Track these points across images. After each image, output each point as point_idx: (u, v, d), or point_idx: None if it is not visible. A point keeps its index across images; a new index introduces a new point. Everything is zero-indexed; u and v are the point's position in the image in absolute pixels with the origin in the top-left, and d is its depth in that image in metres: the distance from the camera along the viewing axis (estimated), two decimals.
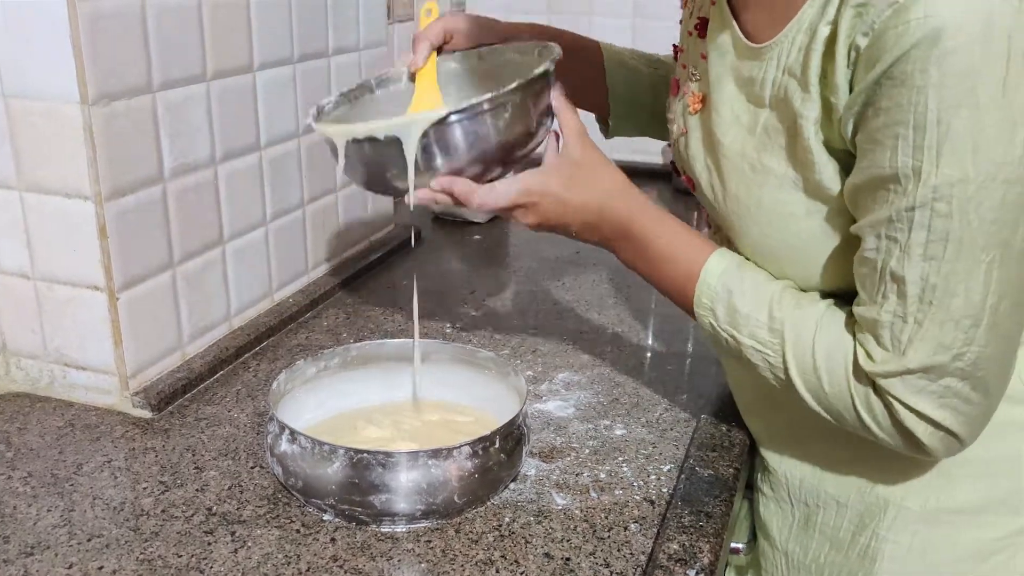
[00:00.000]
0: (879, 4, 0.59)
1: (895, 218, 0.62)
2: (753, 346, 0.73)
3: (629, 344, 1.09)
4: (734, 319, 0.73)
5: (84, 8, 0.80)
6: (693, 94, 0.81)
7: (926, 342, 0.64)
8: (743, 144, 0.73)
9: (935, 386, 0.65)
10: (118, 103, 0.85)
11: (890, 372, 0.65)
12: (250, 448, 0.86)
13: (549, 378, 1.00)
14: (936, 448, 0.68)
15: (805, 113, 0.67)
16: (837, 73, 0.63)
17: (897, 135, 0.60)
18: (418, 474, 0.73)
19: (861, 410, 0.68)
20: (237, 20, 0.99)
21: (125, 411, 0.91)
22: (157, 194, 0.91)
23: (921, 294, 0.63)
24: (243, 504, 0.78)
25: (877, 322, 0.65)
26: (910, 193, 0.61)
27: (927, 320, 0.63)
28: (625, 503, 0.78)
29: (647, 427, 0.91)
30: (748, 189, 0.73)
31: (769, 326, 0.72)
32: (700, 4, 0.82)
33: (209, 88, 0.96)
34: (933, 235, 0.61)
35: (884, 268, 0.64)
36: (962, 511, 0.76)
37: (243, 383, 0.98)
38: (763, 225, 0.72)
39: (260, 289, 1.10)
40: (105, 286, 0.88)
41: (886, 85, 0.60)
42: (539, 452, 0.86)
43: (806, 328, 0.70)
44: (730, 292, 0.73)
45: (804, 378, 0.71)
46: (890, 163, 0.61)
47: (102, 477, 0.81)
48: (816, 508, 0.83)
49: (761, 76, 0.71)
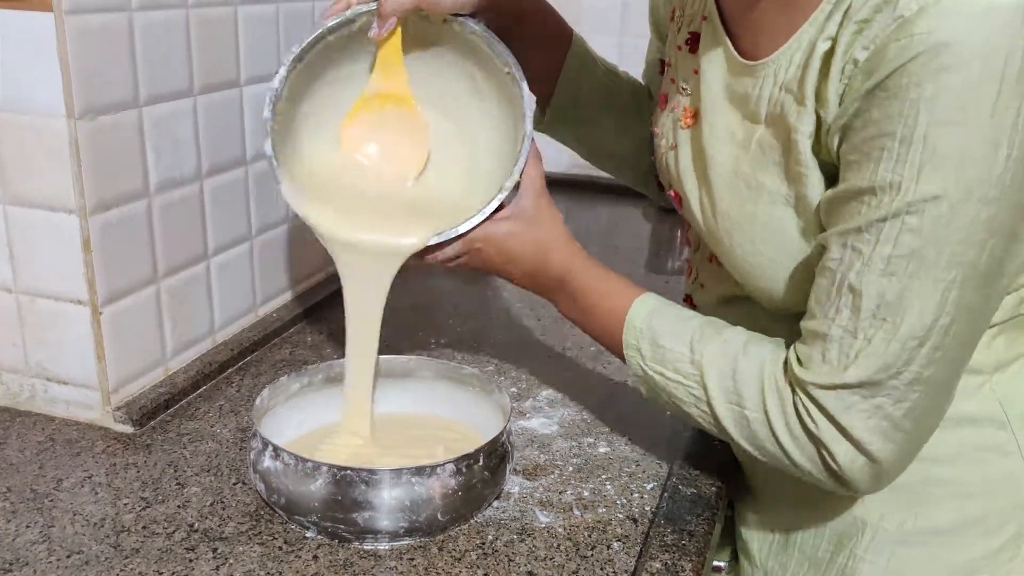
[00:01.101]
0: (883, 19, 0.60)
1: (864, 228, 0.62)
2: (678, 380, 0.74)
3: (612, 361, 1.10)
4: (657, 355, 0.75)
5: (71, 23, 0.80)
6: (685, 109, 0.81)
7: (870, 358, 0.63)
8: (737, 160, 0.73)
9: (866, 403, 0.64)
10: (104, 117, 0.85)
11: (826, 384, 0.65)
12: (233, 464, 0.85)
13: (533, 395, 1.00)
14: (855, 475, 0.67)
15: (800, 128, 0.67)
16: (830, 87, 0.64)
17: (883, 147, 0.60)
18: (401, 491, 0.72)
19: (779, 431, 0.68)
20: (224, 35, 1.00)
21: (107, 426, 0.91)
22: (142, 208, 0.91)
23: (875, 310, 0.62)
24: (225, 520, 0.77)
25: (827, 336, 0.65)
26: (884, 205, 0.61)
27: (876, 337, 0.63)
28: (608, 521, 0.79)
29: (630, 445, 0.91)
30: (741, 205, 0.73)
31: (691, 358, 0.73)
32: (690, 19, 0.82)
33: (196, 103, 0.96)
34: (898, 249, 0.61)
35: (843, 280, 0.64)
36: (938, 532, 0.77)
37: (226, 398, 0.98)
38: (756, 242, 0.72)
39: (244, 304, 1.10)
40: (88, 300, 0.87)
41: (879, 97, 0.60)
42: (523, 470, 0.86)
43: (726, 356, 0.71)
44: (653, 330, 0.76)
45: (727, 406, 0.71)
46: (871, 175, 0.61)
47: (82, 493, 0.80)
48: (795, 528, 0.83)
49: (756, 93, 0.71)
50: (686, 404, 0.74)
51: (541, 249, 0.79)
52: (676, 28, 0.86)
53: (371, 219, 0.83)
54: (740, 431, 0.71)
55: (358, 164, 0.86)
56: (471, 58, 0.83)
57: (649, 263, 1.61)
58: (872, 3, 0.61)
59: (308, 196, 0.82)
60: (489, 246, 0.79)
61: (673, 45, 0.86)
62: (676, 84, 0.83)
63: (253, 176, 1.08)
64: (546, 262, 0.80)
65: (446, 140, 0.86)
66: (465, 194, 0.84)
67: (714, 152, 0.75)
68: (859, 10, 0.62)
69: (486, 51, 0.81)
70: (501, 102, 0.84)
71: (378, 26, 0.78)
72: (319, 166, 0.85)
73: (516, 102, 0.81)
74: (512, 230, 0.79)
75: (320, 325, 1.17)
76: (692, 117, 0.80)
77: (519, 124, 0.81)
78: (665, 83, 0.87)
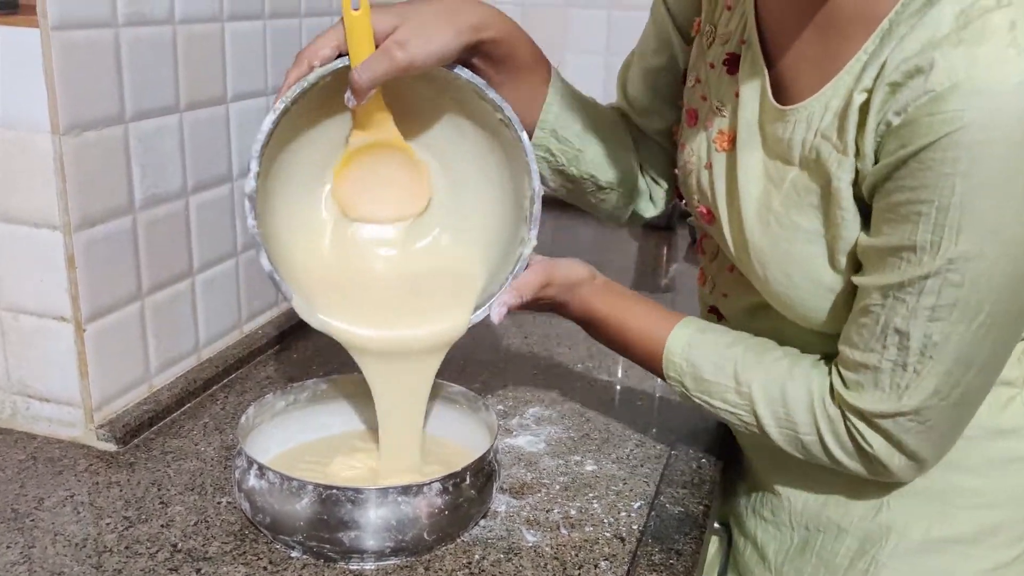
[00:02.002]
0: (915, 88, 0.61)
1: (907, 283, 0.66)
2: (725, 408, 0.79)
3: (599, 379, 1.10)
4: (702, 387, 0.80)
5: (57, 38, 0.79)
6: (721, 131, 0.80)
7: (922, 389, 0.68)
8: (769, 196, 0.74)
9: (921, 426, 0.70)
10: (89, 133, 0.84)
11: (886, 412, 0.70)
12: (217, 483, 0.85)
13: (519, 412, 1.00)
14: (904, 475, 0.75)
15: (841, 175, 0.68)
16: (866, 142, 0.66)
17: (920, 212, 0.63)
18: (387, 511, 0.72)
19: (833, 450, 0.75)
20: (211, 52, 0.99)
21: (89, 444, 0.90)
22: (127, 225, 0.91)
23: (923, 349, 0.67)
24: (209, 540, 0.76)
25: (877, 368, 0.69)
26: (925, 264, 0.64)
27: (925, 370, 0.68)
28: (595, 540, 0.78)
29: (617, 463, 0.91)
30: (775, 242, 0.74)
31: (736, 389, 0.78)
32: (725, 37, 0.80)
33: (182, 119, 0.96)
34: (942, 300, 0.65)
35: (888, 323, 0.68)
36: (960, 540, 0.79)
37: (211, 416, 0.97)
38: (791, 275, 0.74)
39: (229, 320, 1.10)
40: (72, 317, 0.86)
41: (913, 166, 0.62)
42: (510, 488, 0.85)
43: (773, 383, 0.76)
44: (694, 365, 0.80)
45: (780, 430, 0.77)
46: (909, 236, 0.64)
47: (64, 512, 0.79)
48: (816, 532, 0.84)
49: (788, 136, 0.72)
50: (735, 426, 0.80)
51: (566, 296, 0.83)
52: (705, 42, 0.84)
53: (397, 310, 0.79)
54: (793, 448, 0.77)
55: (357, 241, 0.82)
56: (460, 107, 0.79)
57: (636, 282, 1.61)
58: (904, 68, 0.62)
59: (322, 303, 0.78)
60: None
61: (704, 60, 0.84)
62: (709, 102, 0.82)
63: (239, 193, 1.07)
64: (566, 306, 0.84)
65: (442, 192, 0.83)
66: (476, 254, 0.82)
67: (748, 185, 0.76)
68: (892, 72, 0.63)
69: (476, 100, 0.77)
70: (495, 150, 0.81)
71: (355, 98, 0.73)
72: (316, 260, 0.80)
73: (512, 149, 0.79)
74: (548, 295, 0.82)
75: (306, 342, 1.16)
76: (730, 142, 0.79)
77: (518, 173, 0.79)
78: (694, 98, 0.85)
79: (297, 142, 0.77)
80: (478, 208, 0.83)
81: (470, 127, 0.81)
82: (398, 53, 0.71)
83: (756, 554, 0.90)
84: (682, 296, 1.49)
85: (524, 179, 0.78)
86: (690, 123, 0.86)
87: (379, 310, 0.79)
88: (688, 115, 0.86)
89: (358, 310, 0.79)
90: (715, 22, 0.83)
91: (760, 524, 0.90)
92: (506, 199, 0.81)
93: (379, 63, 0.71)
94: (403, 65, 0.71)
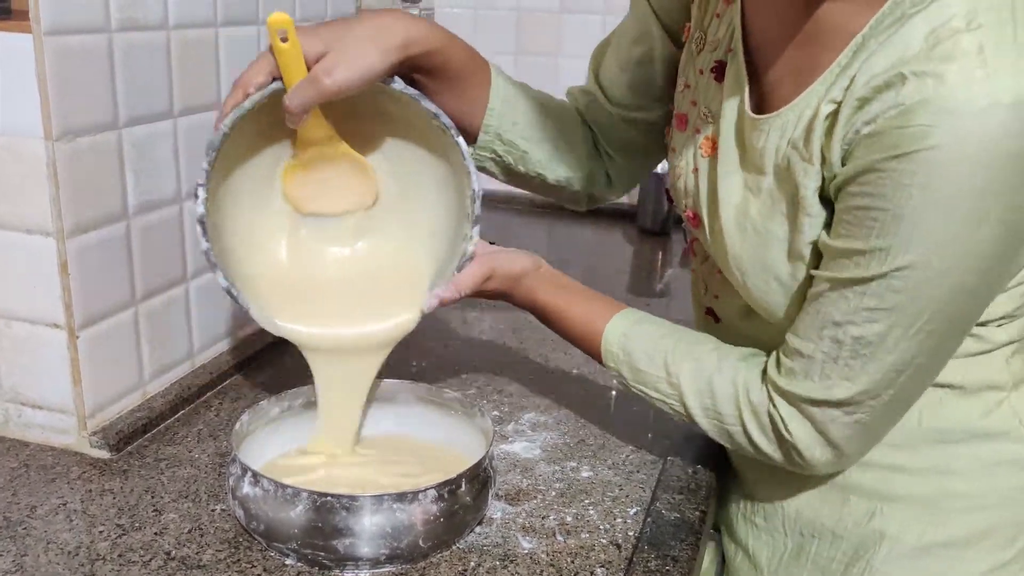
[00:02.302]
0: (885, 100, 0.63)
1: (853, 282, 0.67)
2: (659, 398, 0.82)
3: (594, 384, 1.09)
4: (638, 377, 0.82)
5: (51, 44, 0.79)
6: (707, 137, 0.81)
7: (852, 383, 0.70)
8: (747, 204, 0.75)
9: (847, 418, 0.72)
10: (83, 139, 0.84)
11: (810, 399, 0.72)
12: (211, 490, 0.84)
13: (515, 418, 1.00)
14: (821, 467, 0.76)
15: (807, 183, 0.69)
16: (832, 151, 0.67)
17: (875, 219, 0.64)
18: (382, 518, 0.72)
19: (757, 439, 0.77)
20: (206, 57, 0.99)
21: (83, 451, 0.89)
22: (121, 231, 0.90)
23: (855, 347, 0.69)
24: (203, 548, 0.76)
25: (811, 357, 0.71)
26: (873, 267, 0.66)
27: (856, 367, 0.70)
28: (591, 547, 0.78)
29: (613, 469, 0.90)
30: (753, 250, 0.75)
31: (667, 380, 0.80)
32: (714, 44, 0.81)
33: (176, 125, 0.96)
34: (882, 303, 0.66)
35: (829, 315, 0.69)
36: (954, 544, 0.79)
37: (205, 423, 0.97)
38: (769, 282, 0.75)
39: (224, 327, 1.09)
40: (65, 323, 0.86)
41: (876, 174, 0.63)
42: (505, 494, 0.85)
43: (701, 375, 0.79)
44: (629, 354, 0.82)
45: (708, 420, 0.79)
46: (864, 239, 0.65)
47: (57, 520, 0.79)
48: (810, 539, 0.84)
49: (762, 145, 0.73)
50: (671, 415, 0.83)
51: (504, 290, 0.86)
52: (695, 48, 0.84)
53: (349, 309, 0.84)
54: (720, 437, 0.80)
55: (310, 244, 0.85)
56: (404, 113, 0.81)
57: (631, 286, 1.61)
58: (874, 84, 0.64)
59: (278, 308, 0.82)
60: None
61: (693, 67, 0.84)
62: (699, 108, 0.83)
63: None
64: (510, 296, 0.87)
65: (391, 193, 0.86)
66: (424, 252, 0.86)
67: (725, 193, 0.77)
68: (861, 88, 0.64)
69: (416, 107, 0.79)
70: (437, 152, 0.83)
71: (292, 122, 0.76)
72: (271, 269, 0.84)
73: (452, 152, 0.81)
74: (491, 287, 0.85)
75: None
76: (712, 148, 0.80)
77: (460, 175, 0.81)
78: (684, 103, 0.86)
79: (243, 162, 0.81)
80: (426, 208, 0.86)
81: (414, 131, 0.83)
82: (325, 80, 0.73)
83: (748, 561, 0.90)
84: (677, 301, 1.49)
85: (465, 180, 0.81)
86: (680, 127, 0.86)
87: (332, 310, 0.84)
88: (678, 119, 0.86)
89: (312, 311, 0.83)
90: (704, 28, 0.83)
91: (752, 531, 0.90)
92: (452, 199, 0.84)
93: (307, 91, 0.74)
94: (331, 91, 0.73)
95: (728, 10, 0.80)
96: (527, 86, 0.93)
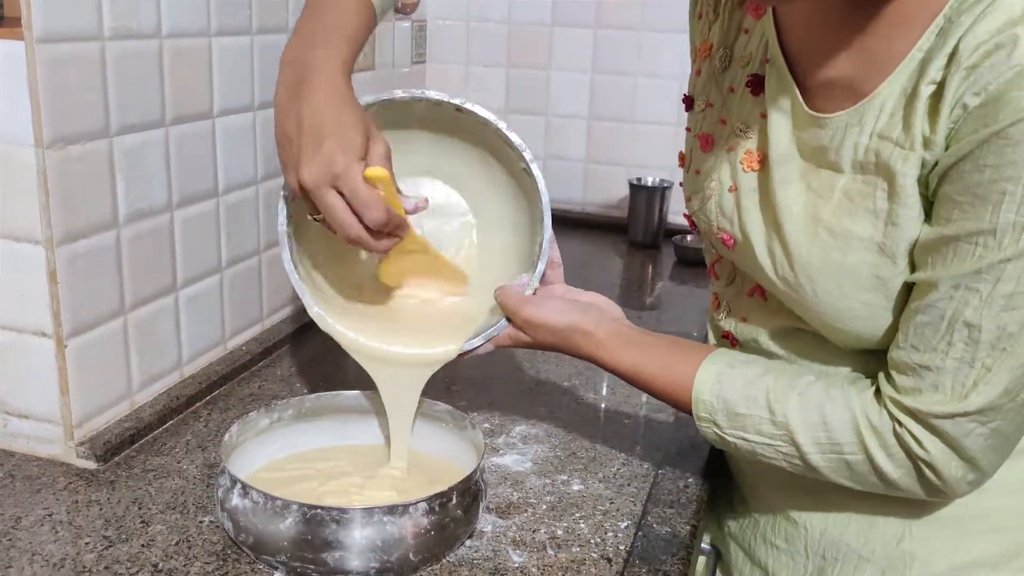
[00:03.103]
0: (996, 65, 0.61)
1: (983, 270, 0.63)
2: (763, 442, 0.75)
3: (585, 397, 1.09)
4: (736, 422, 0.76)
5: (43, 51, 0.79)
6: (748, 152, 0.79)
7: (992, 386, 0.66)
8: (815, 208, 0.73)
9: (983, 428, 0.67)
10: (73, 147, 0.83)
11: (943, 413, 0.67)
12: (199, 501, 0.84)
13: (506, 431, 0.99)
14: (960, 487, 0.70)
15: (907, 172, 0.67)
16: (938, 131, 0.65)
17: (1004, 191, 0.61)
18: (373, 531, 0.71)
19: (883, 465, 0.71)
20: (198, 66, 0.99)
21: (69, 462, 0.88)
22: (110, 240, 0.90)
23: (995, 341, 0.65)
24: (191, 561, 0.75)
25: (940, 368, 0.67)
26: (1006, 247, 0.62)
27: (996, 365, 0.65)
28: (582, 561, 0.78)
29: (604, 482, 0.90)
30: (826, 253, 0.72)
31: (772, 420, 0.74)
32: (746, 60, 0.81)
33: (167, 133, 0.95)
34: (1021, 286, 0.63)
35: (956, 317, 0.65)
36: (983, 564, 0.78)
37: (193, 433, 0.96)
38: (844, 287, 0.72)
39: (213, 336, 1.09)
40: (53, 332, 0.85)
41: (997, 144, 0.61)
42: (496, 508, 0.84)
43: (810, 408, 0.73)
44: (725, 401, 0.76)
45: (823, 456, 0.73)
46: (990, 218, 0.62)
47: (42, 532, 0.78)
48: (833, 561, 0.83)
49: (837, 143, 0.71)
50: (773, 459, 0.76)
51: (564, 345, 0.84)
52: (719, 66, 0.84)
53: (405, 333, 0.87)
54: (839, 474, 0.74)
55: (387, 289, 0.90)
56: (484, 146, 0.87)
57: (622, 299, 1.61)
58: (983, 50, 0.62)
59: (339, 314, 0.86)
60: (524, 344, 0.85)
61: (722, 84, 0.84)
62: (730, 125, 0.82)
63: (224, 208, 1.07)
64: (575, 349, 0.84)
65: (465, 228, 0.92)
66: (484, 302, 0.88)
67: (788, 202, 0.75)
68: (968, 56, 0.62)
69: (503, 147, 0.85)
70: (518, 195, 0.89)
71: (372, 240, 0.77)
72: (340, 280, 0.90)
73: (531, 193, 0.86)
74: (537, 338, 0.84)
75: (290, 359, 1.15)
76: (760, 162, 0.78)
77: (535, 215, 0.86)
78: (708, 123, 0.85)
79: None
80: (495, 258, 0.91)
81: (499, 171, 0.89)
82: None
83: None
84: (667, 314, 1.49)
85: (538, 226, 0.86)
86: (705, 148, 0.85)
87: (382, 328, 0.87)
88: (702, 140, 0.85)
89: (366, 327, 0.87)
90: (730, 45, 0.83)
91: (772, 552, 0.88)
92: (520, 245, 0.89)
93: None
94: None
95: (759, 24, 0.79)
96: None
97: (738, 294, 0.85)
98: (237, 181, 1.08)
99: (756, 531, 0.90)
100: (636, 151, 1.89)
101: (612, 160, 1.93)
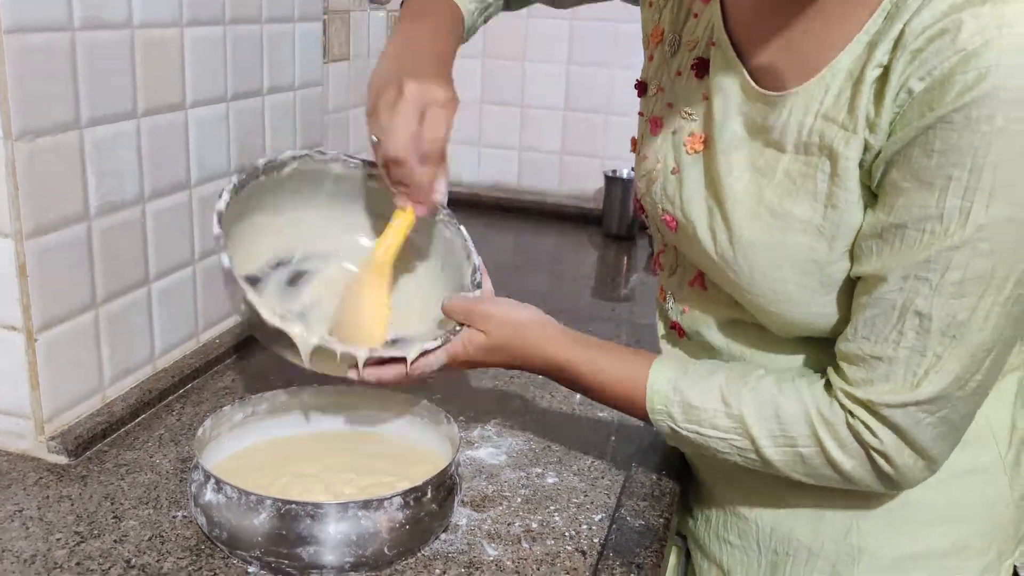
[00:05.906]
0: (941, 49, 0.60)
1: (932, 259, 0.63)
2: (718, 436, 0.75)
3: (561, 390, 1.10)
4: (691, 415, 0.76)
5: (11, 42, 0.77)
6: (692, 134, 0.80)
7: (943, 374, 0.66)
8: (759, 188, 0.73)
9: (933, 417, 0.68)
10: (43, 139, 0.82)
11: (894, 403, 0.68)
12: (172, 496, 0.83)
13: (481, 423, 0.99)
14: (912, 477, 0.71)
15: (849, 154, 0.67)
16: (883, 115, 0.64)
17: (950, 176, 0.61)
18: (347, 525, 0.71)
19: (836, 457, 0.71)
20: (170, 57, 0.98)
21: (40, 456, 0.88)
22: (81, 232, 0.89)
23: (945, 329, 0.65)
24: (164, 556, 0.75)
25: (891, 358, 0.67)
26: (953, 233, 0.62)
27: (947, 353, 0.65)
28: (556, 553, 0.78)
29: (578, 475, 0.91)
30: (767, 233, 0.72)
31: (727, 412, 0.75)
32: (692, 44, 0.81)
33: (139, 125, 0.94)
34: (969, 273, 0.63)
35: (907, 307, 0.65)
36: (932, 555, 0.79)
37: (166, 427, 0.95)
38: (782, 268, 0.72)
39: (186, 330, 1.08)
40: (23, 326, 0.84)
41: (943, 129, 0.61)
42: (471, 501, 0.85)
43: (763, 402, 0.73)
44: (681, 392, 0.77)
45: (777, 449, 0.73)
46: (937, 204, 0.62)
47: (12, 528, 0.77)
48: (786, 556, 0.83)
49: (782, 122, 0.71)
50: (727, 454, 0.76)
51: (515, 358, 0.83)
52: (669, 51, 0.84)
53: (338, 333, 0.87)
54: (793, 467, 0.74)
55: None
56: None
57: (596, 290, 1.62)
58: (927, 34, 0.61)
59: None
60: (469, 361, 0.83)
61: (670, 70, 0.84)
62: (675, 109, 0.82)
63: (197, 200, 1.06)
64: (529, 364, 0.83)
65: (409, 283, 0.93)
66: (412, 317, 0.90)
67: (731, 180, 0.75)
68: (913, 40, 0.62)
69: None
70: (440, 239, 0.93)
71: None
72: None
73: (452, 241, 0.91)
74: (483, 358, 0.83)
75: (264, 352, 1.14)
76: (703, 143, 0.79)
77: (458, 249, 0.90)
78: (658, 107, 0.85)
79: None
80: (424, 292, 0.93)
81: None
82: None
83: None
84: (641, 306, 1.50)
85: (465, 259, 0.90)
86: (653, 132, 0.86)
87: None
88: (651, 124, 0.86)
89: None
90: (679, 30, 0.83)
91: (726, 548, 0.89)
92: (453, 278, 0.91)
93: None
94: None
95: (707, 8, 0.80)
96: None
97: (681, 284, 0.86)
98: (210, 173, 1.07)
99: (709, 528, 0.91)
100: (611, 143, 1.89)
101: (587, 152, 1.93)
